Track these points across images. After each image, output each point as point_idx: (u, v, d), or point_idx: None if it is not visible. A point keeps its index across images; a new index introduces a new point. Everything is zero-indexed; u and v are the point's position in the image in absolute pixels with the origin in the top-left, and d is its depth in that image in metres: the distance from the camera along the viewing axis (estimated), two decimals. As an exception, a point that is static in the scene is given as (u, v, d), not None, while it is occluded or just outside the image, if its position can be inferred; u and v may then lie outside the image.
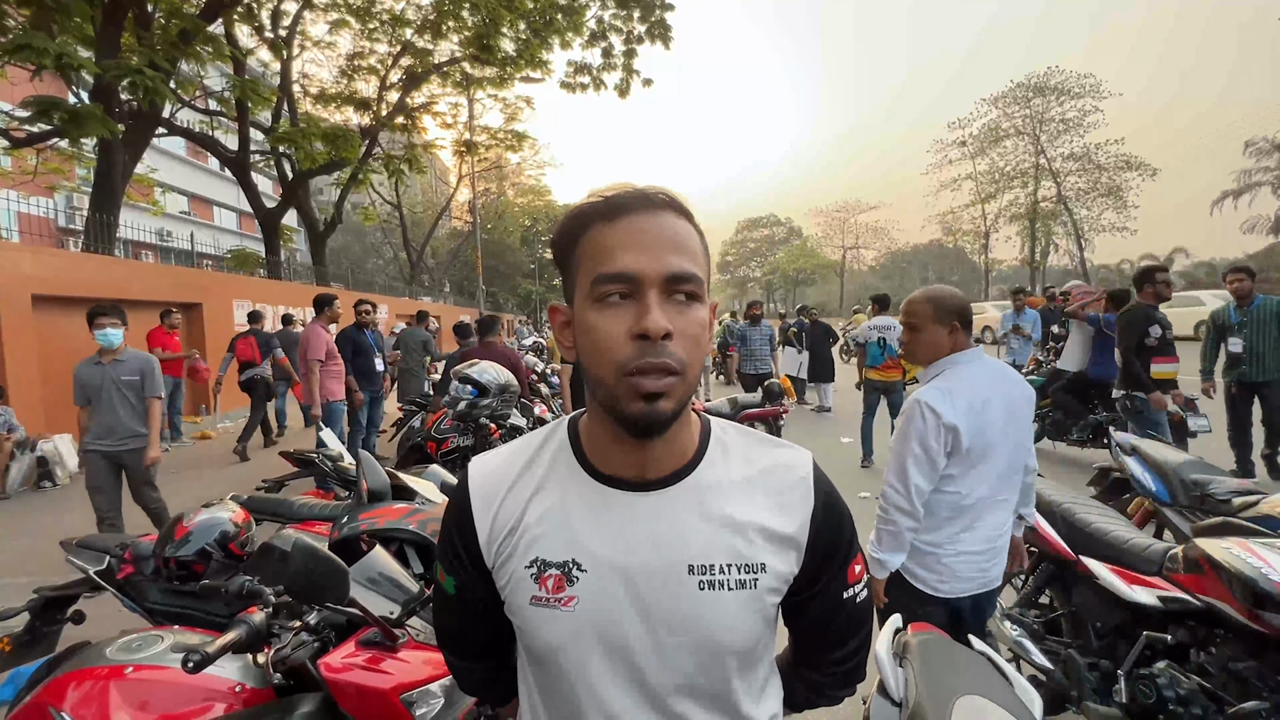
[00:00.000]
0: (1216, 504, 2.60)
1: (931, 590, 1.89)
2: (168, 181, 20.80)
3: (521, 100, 22.17)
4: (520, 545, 0.71)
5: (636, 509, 0.69)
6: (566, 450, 0.74)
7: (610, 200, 0.64)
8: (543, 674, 0.74)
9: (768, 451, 0.76)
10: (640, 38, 15.53)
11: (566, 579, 0.68)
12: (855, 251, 64.03)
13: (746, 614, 0.69)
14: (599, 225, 0.64)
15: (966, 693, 1.17)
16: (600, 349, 0.62)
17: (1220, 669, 1.79)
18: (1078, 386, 6.26)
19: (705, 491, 0.71)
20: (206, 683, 1.40)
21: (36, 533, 4.99)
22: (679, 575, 0.68)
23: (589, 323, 0.63)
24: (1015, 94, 37.09)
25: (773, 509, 0.72)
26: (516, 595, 0.71)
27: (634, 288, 0.61)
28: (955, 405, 1.78)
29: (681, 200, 0.67)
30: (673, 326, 0.61)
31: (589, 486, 0.71)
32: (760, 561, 0.70)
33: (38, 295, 7.26)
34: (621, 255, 0.62)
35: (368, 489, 2.58)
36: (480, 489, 0.74)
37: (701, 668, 0.70)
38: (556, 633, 0.69)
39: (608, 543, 0.69)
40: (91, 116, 7.74)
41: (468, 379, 4.63)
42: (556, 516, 0.70)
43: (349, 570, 1.36)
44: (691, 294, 0.63)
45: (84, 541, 2.41)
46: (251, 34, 14.30)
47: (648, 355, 0.60)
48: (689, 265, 0.63)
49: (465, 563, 0.75)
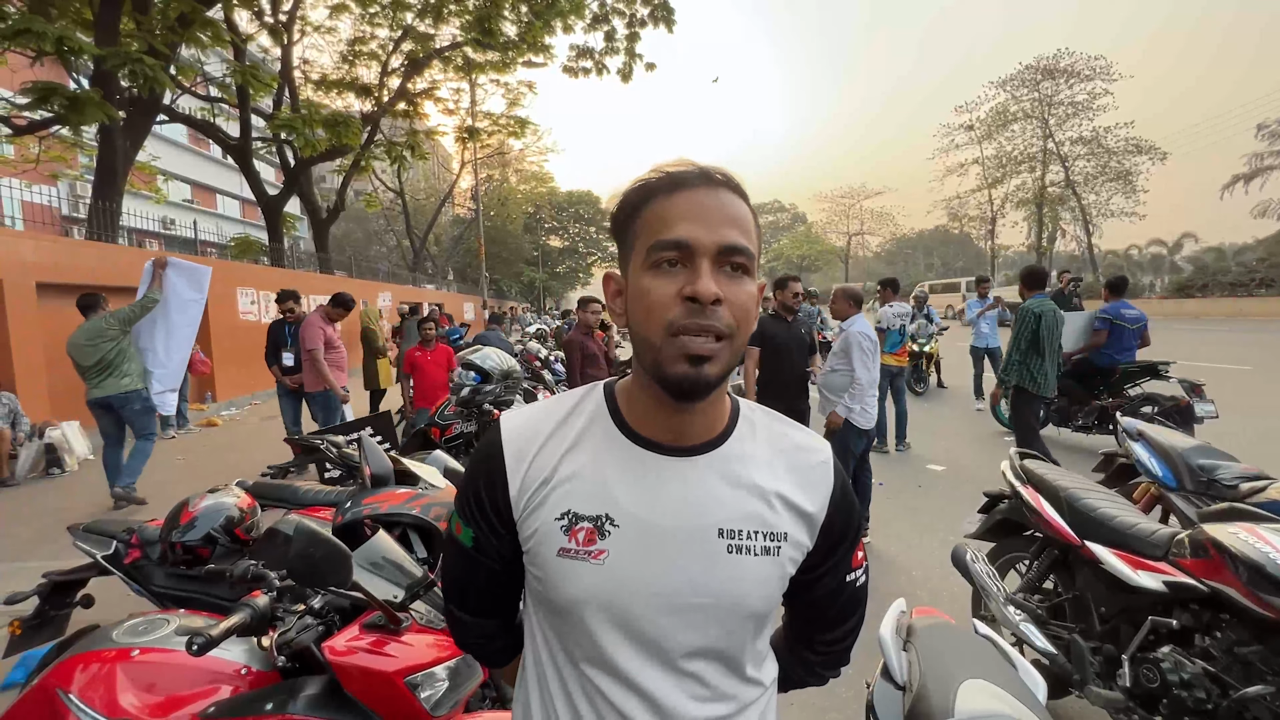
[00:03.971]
0: (1223, 489, 2.60)
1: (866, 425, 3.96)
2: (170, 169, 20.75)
3: (524, 85, 22.02)
4: (552, 497, 0.72)
5: (670, 472, 0.71)
6: (604, 413, 0.76)
7: (672, 175, 0.68)
8: (559, 627, 0.74)
9: (791, 433, 0.79)
10: (643, 21, 15.33)
11: (599, 532, 0.70)
12: (860, 237, 63.62)
13: (769, 579, 0.72)
14: (659, 198, 0.67)
15: (971, 676, 1.17)
16: (651, 309, 0.65)
17: (1225, 653, 1.79)
18: (1083, 372, 6.23)
19: (735, 462, 0.73)
20: (212, 665, 1.41)
21: (45, 518, 5.03)
22: (709, 537, 0.70)
23: (643, 286, 0.66)
24: (1024, 77, 36.57)
25: (795, 485, 0.75)
26: (543, 547, 0.71)
27: (688, 255, 0.64)
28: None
29: (739, 180, 0.70)
30: (723, 293, 0.63)
31: (625, 447, 0.73)
32: (784, 531, 0.73)
33: (42, 283, 7.28)
34: (679, 224, 0.64)
35: (371, 474, 2.59)
36: (514, 441, 0.75)
37: (722, 629, 0.72)
38: (583, 586, 0.70)
39: (641, 501, 0.70)
40: (91, 102, 7.69)
41: (471, 365, 4.63)
42: (591, 472, 0.72)
43: (352, 554, 1.36)
44: (743, 266, 0.66)
45: (91, 527, 2.43)
46: (251, 19, 14.17)
47: (695, 317, 0.63)
48: (741, 239, 0.66)
49: (489, 513, 0.75)
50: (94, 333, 5.01)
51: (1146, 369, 5.96)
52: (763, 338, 4.26)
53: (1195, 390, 5.45)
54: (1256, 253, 31.08)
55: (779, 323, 4.30)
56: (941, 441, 6.63)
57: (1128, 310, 6.02)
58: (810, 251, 61.11)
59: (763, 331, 4.27)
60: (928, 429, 7.20)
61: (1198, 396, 5.42)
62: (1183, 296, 27.86)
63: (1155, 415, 5.55)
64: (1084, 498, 2.27)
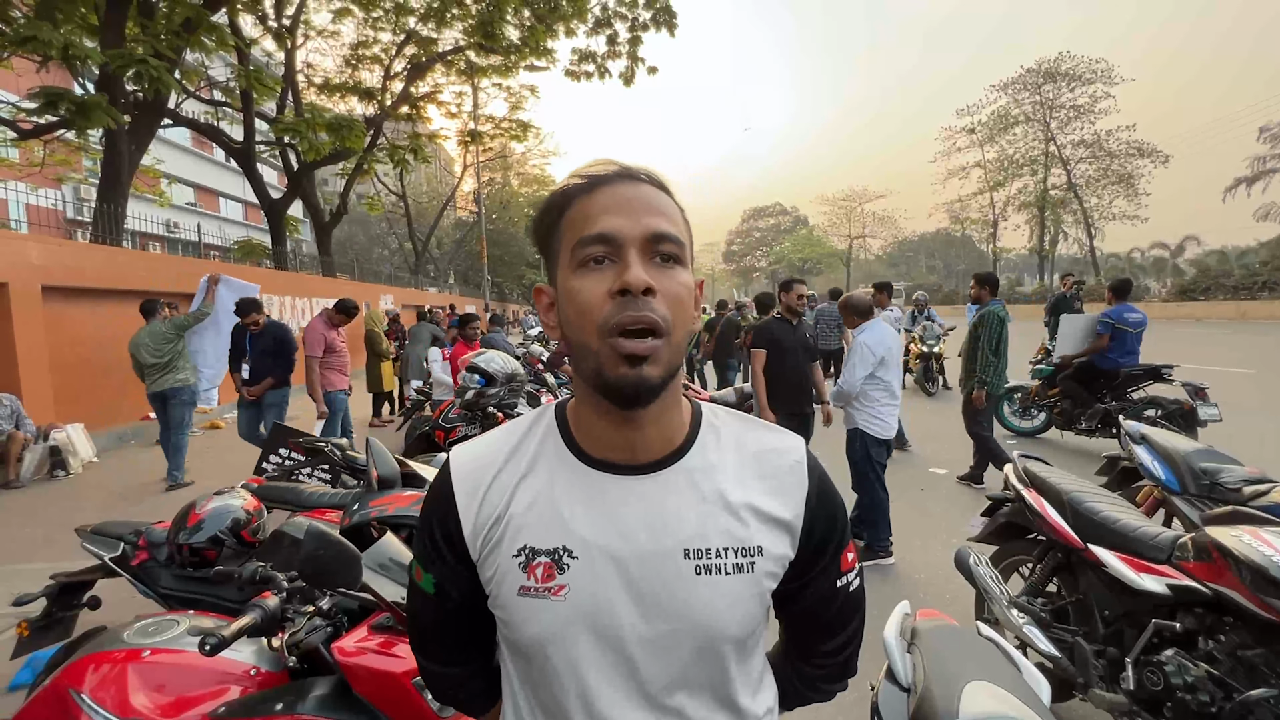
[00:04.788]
0: (1226, 492, 2.60)
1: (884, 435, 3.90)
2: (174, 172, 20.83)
3: (526, 89, 22.04)
4: (507, 533, 0.68)
5: (628, 492, 0.67)
6: (554, 434, 0.72)
7: (590, 176, 0.65)
8: (529, 671, 0.70)
9: (760, 436, 0.74)
10: (645, 24, 15.35)
11: (557, 566, 0.66)
12: (862, 240, 63.60)
13: (744, 598, 0.67)
14: (580, 199, 0.64)
15: (975, 679, 1.17)
16: (582, 311, 0.61)
17: (1229, 656, 1.79)
18: (1086, 375, 6.23)
19: (698, 474, 0.69)
20: (222, 666, 1.42)
21: (51, 521, 5.05)
22: (674, 559, 0.66)
23: (571, 288, 0.63)
24: (1025, 80, 36.63)
25: (767, 492, 0.70)
26: (503, 587, 0.68)
27: (614, 249, 0.61)
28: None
29: (661, 176, 0.67)
30: (654, 283, 0.60)
31: (578, 470, 0.69)
32: (757, 544, 0.68)
33: (47, 286, 7.31)
34: (601, 219, 0.62)
35: (378, 476, 2.60)
36: (464, 477, 0.71)
37: (698, 657, 0.67)
38: (546, 624, 0.66)
39: (599, 528, 0.66)
40: (97, 107, 7.73)
41: (475, 368, 4.64)
42: (545, 502, 0.68)
43: (361, 556, 1.37)
44: (673, 255, 0.63)
45: (99, 528, 2.44)
46: (255, 23, 14.23)
47: (629, 309, 0.59)
48: (668, 226, 0.63)
49: (447, 556, 0.71)
50: (155, 336, 5.83)
51: (1150, 372, 5.95)
52: (769, 340, 4.24)
53: (1199, 393, 5.45)
54: (1259, 255, 31.05)
55: (784, 325, 4.28)
56: (944, 444, 6.62)
57: (1131, 314, 6.01)
58: (812, 254, 61.14)
59: (769, 334, 4.25)
60: (930, 432, 7.19)
61: (1201, 400, 5.42)
62: (1185, 299, 27.82)
63: (1158, 418, 5.55)
64: (1087, 501, 2.28)
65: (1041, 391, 6.72)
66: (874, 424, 3.89)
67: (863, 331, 3.95)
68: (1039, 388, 6.77)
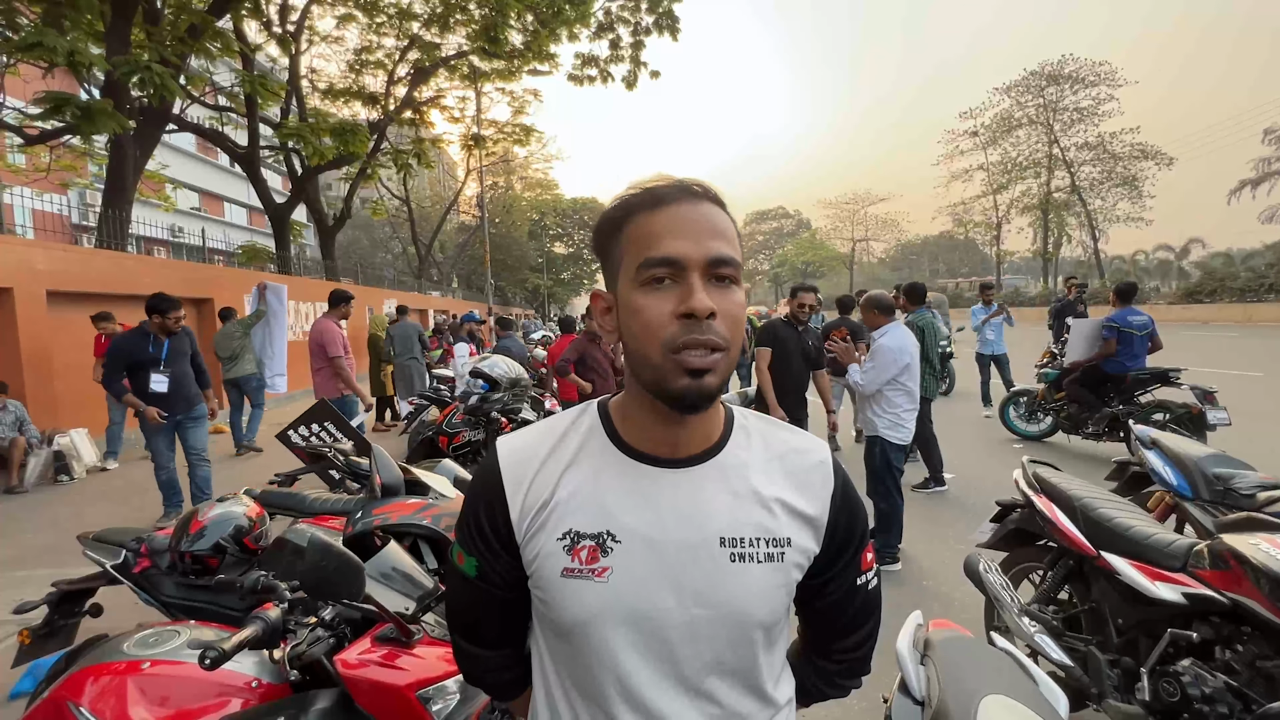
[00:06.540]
0: (1240, 498, 2.56)
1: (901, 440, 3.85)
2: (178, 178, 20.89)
3: (529, 93, 22.11)
4: (552, 519, 0.72)
5: (668, 484, 0.72)
6: (599, 429, 0.76)
7: (653, 191, 0.68)
8: (567, 652, 0.74)
9: (785, 436, 0.79)
10: (648, 29, 15.39)
11: (601, 549, 0.70)
12: (865, 244, 63.56)
13: (774, 587, 0.72)
14: (643, 214, 0.68)
15: (991, 692, 1.14)
16: (648, 328, 0.65)
17: (1247, 667, 1.76)
18: (1092, 379, 6.19)
19: (731, 469, 0.73)
20: (223, 678, 1.40)
21: (54, 527, 5.04)
22: (711, 547, 0.70)
23: (636, 304, 0.66)
24: (1028, 82, 36.58)
25: (795, 489, 0.75)
26: (546, 568, 0.71)
27: (679, 272, 0.65)
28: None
29: (717, 191, 0.71)
30: (716, 307, 0.64)
31: (622, 462, 0.73)
32: (786, 536, 0.72)
33: (53, 291, 7.32)
34: (667, 241, 0.65)
35: (381, 484, 2.58)
36: (511, 465, 0.75)
37: (730, 642, 0.71)
38: (587, 604, 0.69)
39: (641, 515, 0.70)
40: (103, 112, 7.75)
41: (479, 373, 4.63)
42: (589, 490, 0.72)
43: (364, 566, 1.35)
44: (730, 277, 0.67)
45: (101, 535, 2.42)
46: (259, 29, 14.30)
47: (694, 333, 0.63)
48: (728, 250, 0.66)
49: (492, 541, 0.75)
50: (229, 334, 7.56)
51: (1157, 376, 5.91)
52: (774, 339, 4.29)
53: (1207, 397, 5.39)
54: (1265, 258, 30.89)
55: (789, 329, 4.33)
56: (951, 449, 6.56)
57: (1135, 317, 5.97)
58: (815, 258, 61.14)
59: (775, 333, 4.31)
60: (937, 436, 7.14)
61: (1210, 403, 5.36)
62: (1191, 302, 27.69)
63: (1167, 422, 5.50)
64: (1099, 507, 2.24)
65: (1048, 395, 6.68)
66: (895, 432, 3.90)
67: (884, 334, 3.92)
68: (1045, 391, 6.72)
